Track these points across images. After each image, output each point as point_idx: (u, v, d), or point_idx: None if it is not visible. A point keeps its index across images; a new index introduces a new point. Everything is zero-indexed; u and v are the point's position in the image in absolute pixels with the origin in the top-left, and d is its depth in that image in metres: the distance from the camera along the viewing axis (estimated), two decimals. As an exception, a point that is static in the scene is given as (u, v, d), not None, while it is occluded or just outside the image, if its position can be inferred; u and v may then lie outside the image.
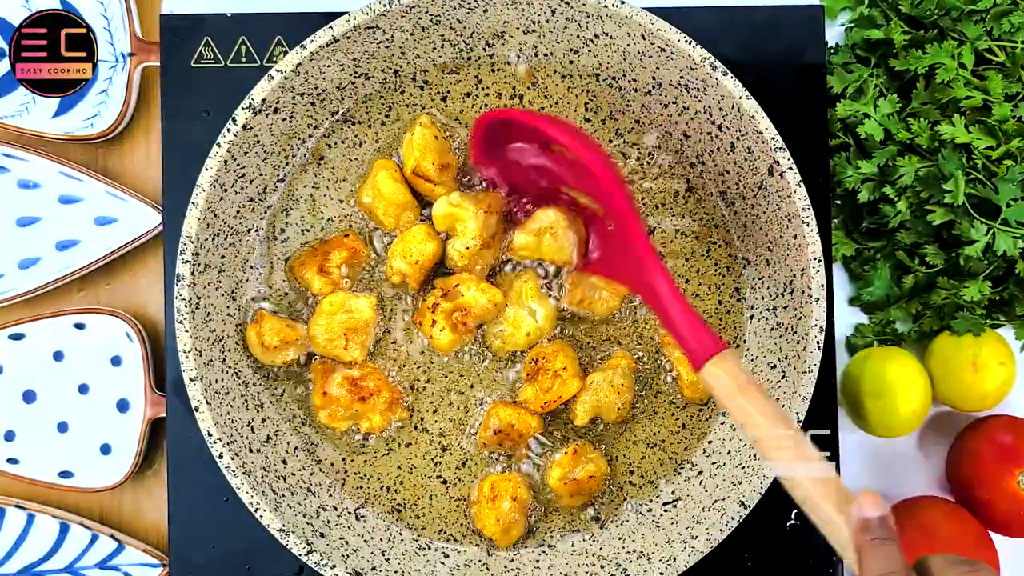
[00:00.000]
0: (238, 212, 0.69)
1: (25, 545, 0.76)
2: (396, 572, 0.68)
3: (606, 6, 0.66)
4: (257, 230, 0.71)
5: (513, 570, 0.70)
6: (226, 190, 0.67)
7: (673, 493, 0.71)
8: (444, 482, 0.72)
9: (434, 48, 0.71)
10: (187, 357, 0.65)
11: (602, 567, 0.69)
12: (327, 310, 0.69)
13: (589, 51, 0.71)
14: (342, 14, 0.66)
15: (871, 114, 0.75)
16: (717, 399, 0.59)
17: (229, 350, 0.69)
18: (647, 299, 0.63)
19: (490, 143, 0.69)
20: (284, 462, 0.70)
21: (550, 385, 0.69)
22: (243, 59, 0.75)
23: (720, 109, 0.68)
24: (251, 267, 0.71)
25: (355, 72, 0.70)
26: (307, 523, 0.67)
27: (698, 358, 0.59)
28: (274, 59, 0.75)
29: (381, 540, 0.70)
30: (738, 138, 0.68)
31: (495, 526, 0.69)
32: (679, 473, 0.72)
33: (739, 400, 0.57)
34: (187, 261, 0.66)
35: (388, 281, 0.71)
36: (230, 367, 0.69)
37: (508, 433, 0.70)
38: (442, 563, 0.70)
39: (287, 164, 0.71)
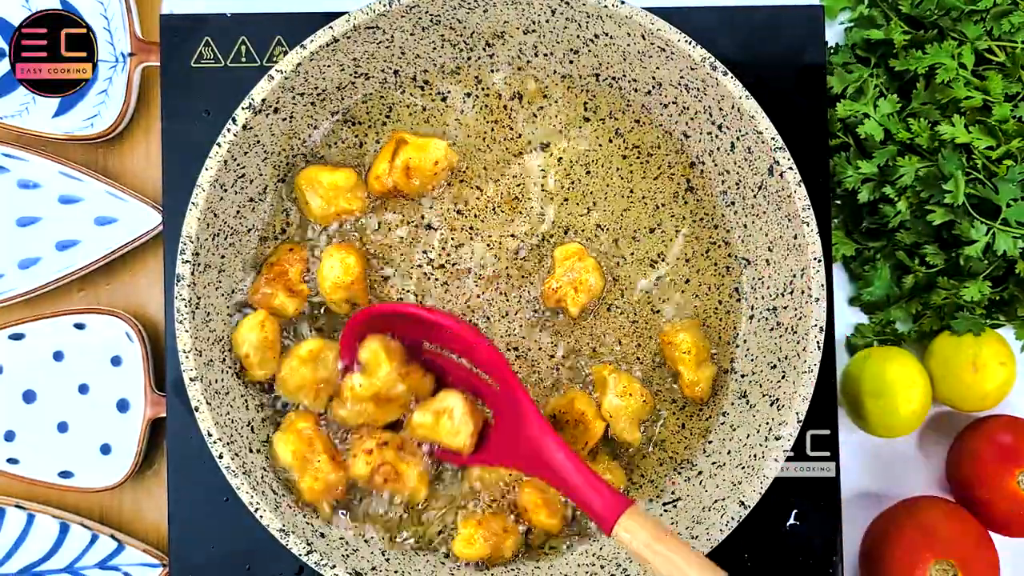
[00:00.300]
0: (238, 212, 0.69)
1: (25, 545, 0.76)
2: (396, 572, 0.68)
3: (606, 6, 0.66)
4: (257, 230, 0.71)
5: (513, 570, 0.70)
6: (226, 190, 0.67)
7: (673, 493, 0.71)
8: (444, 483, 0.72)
9: (434, 48, 0.71)
10: (187, 357, 0.65)
11: (602, 567, 0.69)
12: (295, 381, 0.68)
13: (589, 51, 0.71)
14: (342, 14, 0.66)
15: (871, 114, 0.75)
16: (636, 555, 0.58)
17: (229, 350, 0.69)
18: (544, 476, 0.63)
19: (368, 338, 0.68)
20: (284, 462, 0.70)
21: (575, 435, 0.69)
22: (243, 59, 0.75)
23: (720, 109, 0.68)
24: (251, 267, 0.71)
25: (355, 72, 0.70)
26: (307, 523, 0.67)
27: (608, 519, 0.58)
28: (274, 59, 0.75)
29: (381, 540, 0.70)
30: (738, 138, 0.68)
31: (474, 528, 0.68)
32: (679, 473, 0.72)
33: (659, 548, 0.56)
34: (187, 261, 0.66)
35: (337, 314, 0.71)
36: (230, 367, 0.69)
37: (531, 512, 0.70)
38: (442, 563, 0.70)
39: (287, 164, 0.71)
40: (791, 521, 0.73)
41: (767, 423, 0.67)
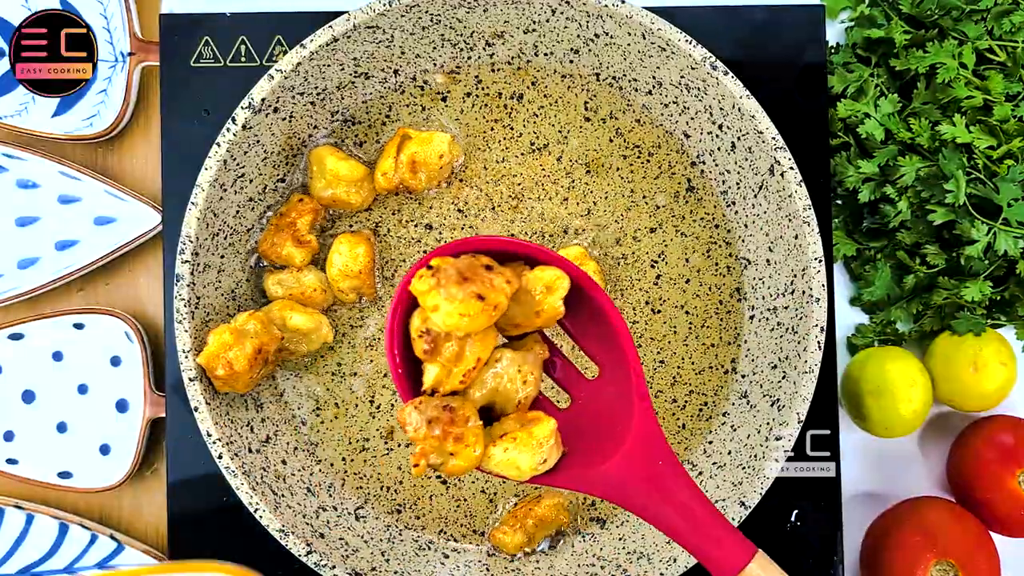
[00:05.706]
0: (238, 212, 0.69)
1: (25, 545, 0.76)
2: (396, 572, 0.68)
3: (606, 5, 0.66)
4: (257, 230, 0.71)
5: (513, 570, 0.70)
6: (226, 190, 0.67)
7: (673, 493, 0.71)
8: (444, 482, 0.71)
9: (434, 48, 0.71)
10: (187, 357, 0.65)
11: (602, 567, 0.69)
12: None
13: (589, 51, 0.70)
14: (342, 14, 0.66)
15: (872, 114, 0.75)
16: None
17: (229, 350, 0.69)
18: (647, 511, 0.49)
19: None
20: (284, 462, 0.70)
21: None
22: (243, 59, 0.74)
23: (721, 109, 0.68)
24: (251, 267, 0.71)
25: (355, 72, 0.70)
26: (307, 523, 0.67)
27: (729, 570, 0.49)
28: (274, 59, 0.75)
29: (381, 540, 0.70)
30: (739, 138, 0.68)
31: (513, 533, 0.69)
32: (679, 473, 0.72)
33: None
34: (187, 261, 0.66)
35: (345, 304, 0.71)
36: (230, 367, 0.69)
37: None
38: (442, 563, 0.70)
39: (287, 164, 0.71)
40: (792, 521, 0.73)
41: (768, 423, 0.67)
